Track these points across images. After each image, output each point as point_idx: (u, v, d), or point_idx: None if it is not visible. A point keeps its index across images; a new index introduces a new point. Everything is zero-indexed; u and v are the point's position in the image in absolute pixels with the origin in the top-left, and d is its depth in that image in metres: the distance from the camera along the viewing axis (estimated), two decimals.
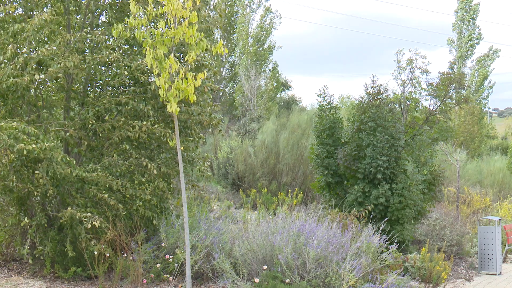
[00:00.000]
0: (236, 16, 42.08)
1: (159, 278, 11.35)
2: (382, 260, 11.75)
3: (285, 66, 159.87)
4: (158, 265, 11.40)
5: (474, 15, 44.75)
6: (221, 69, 43.10)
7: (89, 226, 10.58)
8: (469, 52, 44.78)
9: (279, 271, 10.64)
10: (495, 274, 15.24)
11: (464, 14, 44.73)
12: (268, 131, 26.06)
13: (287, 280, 10.52)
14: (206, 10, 12.47)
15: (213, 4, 39.61)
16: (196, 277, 11.53)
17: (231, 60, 43.82)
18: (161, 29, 9.52)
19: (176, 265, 11.28)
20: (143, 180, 11.82)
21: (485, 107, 47.04)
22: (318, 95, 15.89)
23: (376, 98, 14.85)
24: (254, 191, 21.30)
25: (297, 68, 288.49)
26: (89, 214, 10.70)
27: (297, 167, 24.40)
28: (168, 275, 11.26)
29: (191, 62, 9.84)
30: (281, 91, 44.05)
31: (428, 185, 15.65)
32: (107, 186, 11.19)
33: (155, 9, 9.57)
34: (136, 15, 9.43)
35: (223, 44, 9.86)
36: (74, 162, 10.93)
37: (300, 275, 10.71)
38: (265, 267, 10.78)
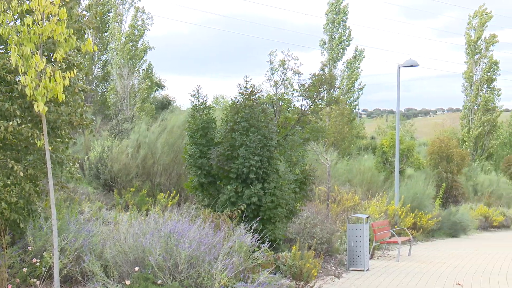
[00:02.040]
0: (109, 14, 41.31)
1: (25, 282, 10.95)
2: (254, 259, 11.86)
3: (162, 66, 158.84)
4: (25, 269, 10.99)
5: (344, 17, 45.86)
6: (93, 67, 42.22)
7: None
8: (340, 54, 45.76)
9: (151, 272, 10.54)
10: (363, 270, 15.77)
11: (334, 16, 45.69)
12: (142, 131, 25.78)
13: (159, 281, 10.43)
14: (78, 9, 12.16)
15: (86, 4, 38.69)
16: (65, 280, 11.23)
17: (104, 59, 43.00)
18: (28, 26, 9.22)
19: (44, 269, 10.92)
20: (9, 182, 11.39)
21: (355, 108, 48.35)
22: (191, 95, 15.85)
23: (249, 98, 14.98)
24: (131, 190, 21.02)
25: (175, 68, 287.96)
26: None
27: (172, 167, 24.32)
28: (35, 280, 10.88)
29: (60, 60, 9.59)
30: (155, 91, 43.62)
31: (300, 185, 15.96)
32: None
33: (20, 5, 9.26)
34: (1, 11, 9.09)
35: (94, 43, 9.66)
36: None
37: (172, 276, 10.66)
38: (136, 268, 10.64)
